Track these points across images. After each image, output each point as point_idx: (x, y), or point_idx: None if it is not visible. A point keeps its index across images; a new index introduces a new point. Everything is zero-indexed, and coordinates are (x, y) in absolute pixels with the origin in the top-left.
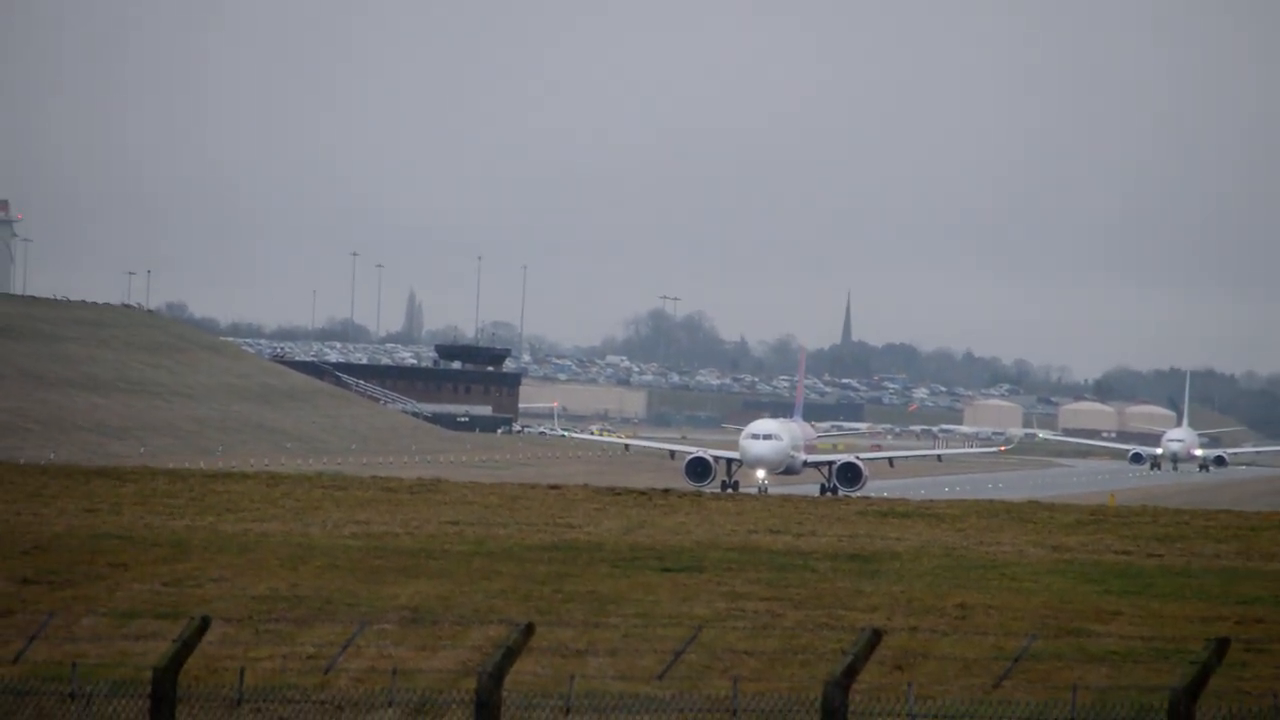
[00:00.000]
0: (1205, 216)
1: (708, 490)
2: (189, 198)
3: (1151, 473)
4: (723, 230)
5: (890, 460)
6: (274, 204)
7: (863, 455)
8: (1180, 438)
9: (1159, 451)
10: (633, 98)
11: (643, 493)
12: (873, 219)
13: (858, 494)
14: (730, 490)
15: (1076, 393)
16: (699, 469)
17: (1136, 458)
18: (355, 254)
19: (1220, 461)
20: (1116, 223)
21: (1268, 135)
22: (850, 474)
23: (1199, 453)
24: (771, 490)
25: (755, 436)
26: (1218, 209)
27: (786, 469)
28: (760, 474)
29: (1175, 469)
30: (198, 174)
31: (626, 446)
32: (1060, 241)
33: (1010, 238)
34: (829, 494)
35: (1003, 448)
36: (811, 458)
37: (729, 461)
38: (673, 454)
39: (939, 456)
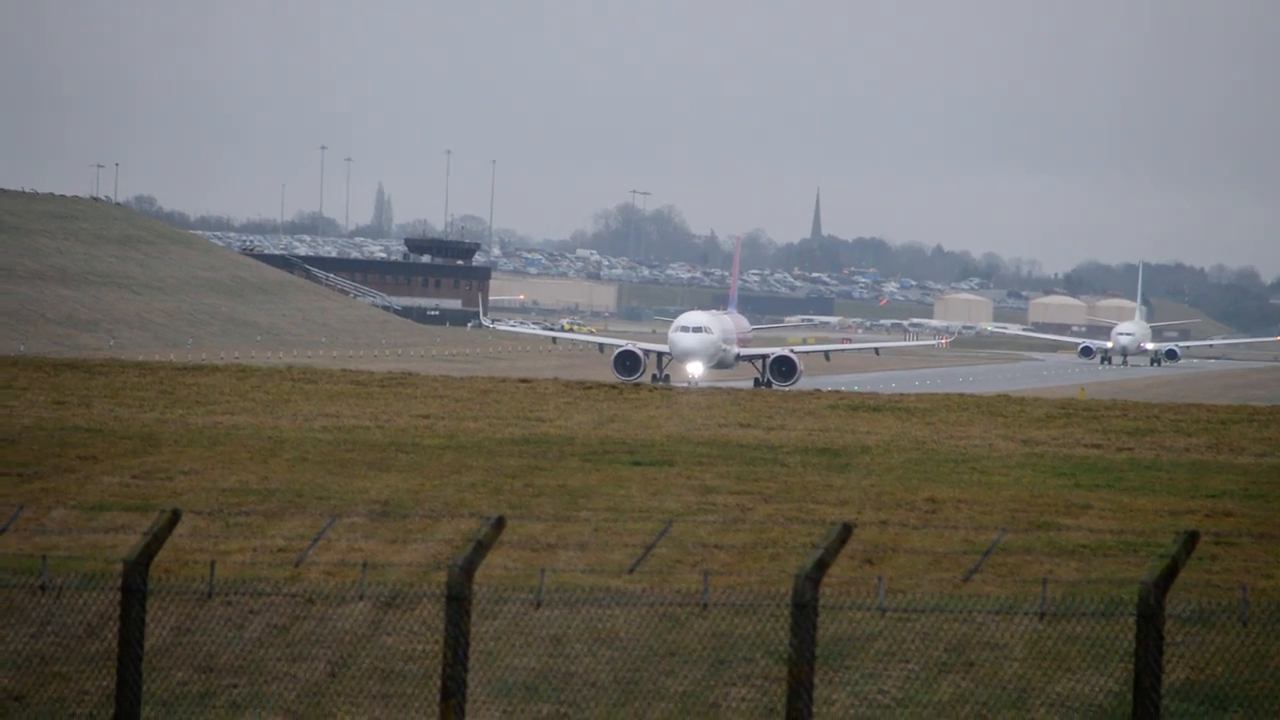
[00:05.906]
0: (1179, 114)
1: (634, 383)
2: (158, 91)
3: (1101, 366)
4: (693, 124)
5: (826, 354)
6: (243, 98)
7: (797, 349)
8: (1130, 331)
9: (1109, 345)
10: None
11: (613, 386)
12: (844, 115)
13: (791, 388)
14: (661, 384)
15: (1046, 286)
16: (628, 362)
17: (1086, 351)
18: (324, 147)
19: (1172, 355)
20: (1090, 119)
21: (1234, 33)
22: (784, 367)
23: (1150, 346)
24: (704, 385)
25: (684, 329)
26: (1192, 108)
27: (719, 362)
28: (690, 367)
29: (1125, 363)
30: (167, 68)
31: (554, 339)
32: (1032, 137)
33: (982, 133)
34: (762, 388)
35: (944, 340)
36: (745, 351)
37: (659, 355)
38: (601, 347)
39: (876, 350)
